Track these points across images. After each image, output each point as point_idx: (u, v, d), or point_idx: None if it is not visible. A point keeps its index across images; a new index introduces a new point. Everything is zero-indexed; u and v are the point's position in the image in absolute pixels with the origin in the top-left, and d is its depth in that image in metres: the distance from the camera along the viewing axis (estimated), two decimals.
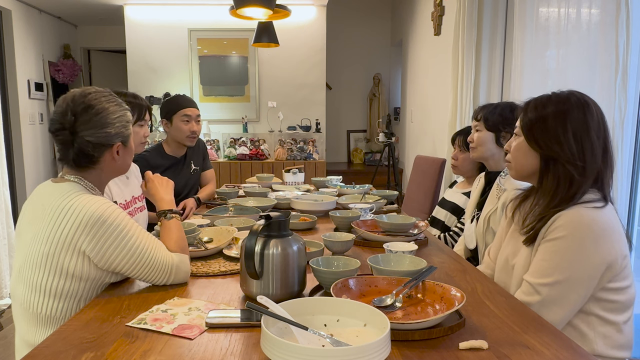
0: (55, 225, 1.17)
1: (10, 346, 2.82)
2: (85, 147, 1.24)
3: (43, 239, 1.18)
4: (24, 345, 1.24)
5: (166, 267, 1.25)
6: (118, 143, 1.29)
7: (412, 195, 3.32)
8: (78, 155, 1.25)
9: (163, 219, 1.39)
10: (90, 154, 1.25)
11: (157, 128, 5.03)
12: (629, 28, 2.09)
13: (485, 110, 1.92)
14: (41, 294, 1.20)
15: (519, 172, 1.36)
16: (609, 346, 1.23)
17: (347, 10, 6.50)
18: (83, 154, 1.25)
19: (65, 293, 1.20)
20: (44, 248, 1.18)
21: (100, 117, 1.25)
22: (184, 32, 5.27)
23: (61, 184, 1.25)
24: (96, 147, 1.25)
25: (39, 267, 1.19)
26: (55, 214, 1.17)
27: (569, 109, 1.25)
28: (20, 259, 1.23)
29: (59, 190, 1.22)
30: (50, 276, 1.19)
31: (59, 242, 1.17)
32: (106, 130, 1.26)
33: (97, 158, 1.27)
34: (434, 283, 1.14)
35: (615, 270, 1.20)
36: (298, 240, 1.19)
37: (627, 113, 2.14)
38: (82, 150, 1.24)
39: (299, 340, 0.86)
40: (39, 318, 1.21)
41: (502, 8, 3.17)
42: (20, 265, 1.22)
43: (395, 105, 6.78)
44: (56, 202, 1.19)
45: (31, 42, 5.10)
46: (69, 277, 1.19)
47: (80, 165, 1.27)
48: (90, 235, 1.16)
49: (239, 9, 2.48)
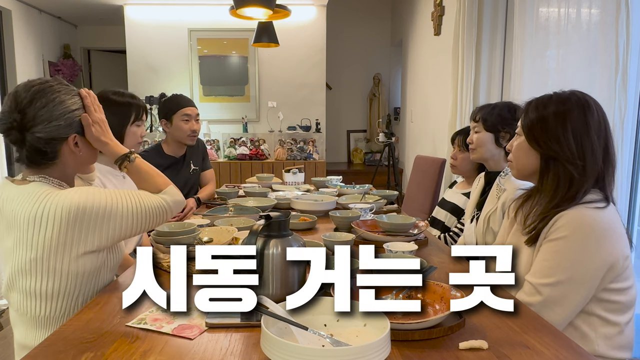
0: (35, 231, 1.11)
1: (10, 346, 2.81)
2: (37, 144, 1.15)
3: (26, 245, 1.13)
4: (24, 351, 1.21)
5: (161, 210, 1.25)
6: (73, 135, 1.20)
7: (412, 195, 3.32)
8: (31, 154, 1.17)
9: (127, 163, 1.29)
10: (43, 150, 1.16)
11: (157, 128, 5.03)
12: (629, 28, 2.09)
13: (483, 111, 1.92)
14: (36, 298, 1.17)
15: (521, 171, 1.36)
16: (610, 347, 1.23)
17: (347, 10, 6.49)
18: (36, 151, 1.16)
19: (61, 292, 1.18)
20: (30, 254, 1.13)
21: (46, 110, 1.15)
22: (184, 32, 5.27)
23: (25, 186, 1.17)
24: (48, 143, 1.16)
25: (28, 273, 1.15)
26: (31, 221, 1.11)
27: (569, 109, 1.25)
28: (8, 268, 1.18)
29: (25, 195, 1.14)
30: (43, 280, 1.15)
31: (44, 247, 1.13)
32: (55, 123, 1.16)
33: (53, 154, 1.19)
34: (434, 283, 1.14)
35: (617, 271, 1.20)
36: (298, 240, 1.19)
37: (627, 113, 2.14)
38: (35, 148, 1.16)
39: (299, 340, 0.86)
40: (38, 321, 1.19)
41: (502, 8, 3.17)
42: (9, 274, 1.18)
43: (395, 105, 6.78)
44: (27, 208, 1.12)
45: (31, 42, 5.10)
46: (63, 276, 1.16)
47: (36, 163, 1.19)
48: (78, 231, 1.13)
49: (239, 9, 2.49)
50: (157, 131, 5.00)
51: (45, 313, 1.19)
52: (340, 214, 1.93)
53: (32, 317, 1.19)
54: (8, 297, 1.22)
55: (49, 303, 1.18)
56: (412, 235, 1.73)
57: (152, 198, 1.25)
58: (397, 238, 1.68)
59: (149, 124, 5.06)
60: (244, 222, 1.88)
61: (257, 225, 1.14)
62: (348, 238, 1.56)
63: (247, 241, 1.11)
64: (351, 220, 1.86)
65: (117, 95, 1.91)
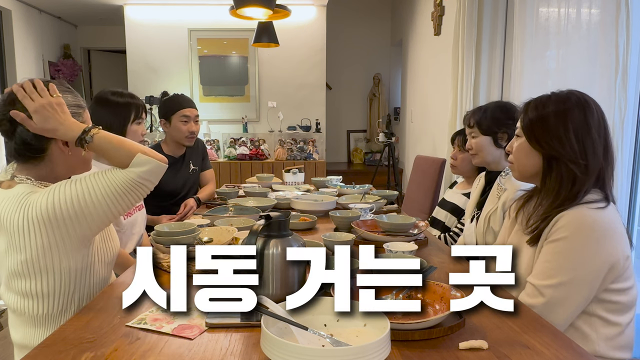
0: (23, 237, 1.13)
1: (10, 346, 2.80)
2: (25, 136, 1.17)
3: (17, 249, 1.14)
4: (23, 351, 1.21)
5: (132, 185, 1.17)
6: None
7: (412, 195, 3.32)
8: (19, 146, 1.18)
9: (87, 144, 1.18)
10: (30, 143, 1.18)
11: (157, 128, 5.03)
12: (629, 28, 2.09)
13: (476, 115, 1.91)
14: (32, 298, 1.18)
15: (522, 173, 1.36)
16: (611, 347, 1.23)
17: (347, 10, 6.49)
18: (23, 144, 1.18)
19: (57, 290, 1.18)
20: (21, 257, 1.14)
21: None
22: (184, 32, 5.27)
23: (10, 190, 1.18)
24: (36, 136, 1.17)
25: (23, 275, 1.16)
26: (17, 227, 1.12)
27: (569, 108, 1.25)
28: (3, 270, 1.19)
29: (11, 199, 1.15)
30: (38, 280, 1.16)
31: (33, 250, 1.14)
32: None
33: (41, 148, 1.19)
34: (434, 283, 1.14)
35: (618, 271, 1.20)
36: (298, 240, 1.19)
37: (627, 113, 2.14)
38: (22, 140, 1.18)
39: (299, 340, 0.86)
40: (36, 319, 1.20)
41: (502, 8, 3.17)
42: (5, 276, 1.19)
43: (395, 105, 6.78)
44: (12, 215, 1.13)
45: (31, 42, 5.10)
46: (57, 274, 1.17)
47: (24, 157, 1.20)
48: (58, 229, 1.13)
49: (239, 9, 2.49)
50: (157, 131, 5.00)
51: (42, 312, 1.19)
52: (340, 214, 1.93)
53: (30, 317, 1.20)
54: (5, 298, 1.23)
55: (45, 302, 1.19)
56: (412, 235, 1.73)
57: (118, 176, 1.17)
58: (397, 238, 1.68)
59: (149, 123, 5.06)
60: (244, 222, 1.88)
61: (257, 225, 1.14)
62: (348, 238, 1.56)
63: (247, 241, 1.11)
64: (351, 220, 1.86)
65: (116, 95, 1.93)
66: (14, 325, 1.25)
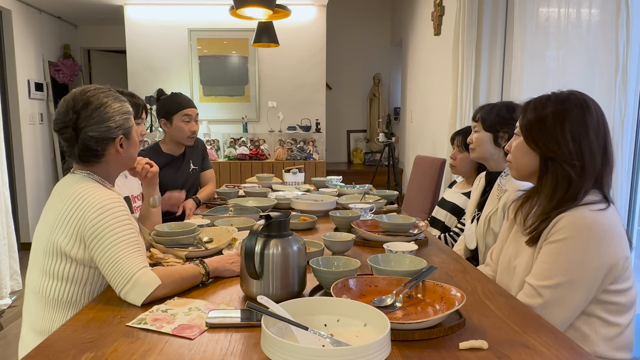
0: (66, 212, 1.22)
1: (10, 346, 2.82)
2: (89, 142, 1.28)
3: (61, 228, 1.22)
4: (31, 333, 1.28)
5: (127, 275, 1.15)
6: (120, 136, 1.33)
7: (412, 195, 3.32)
8: (83, 151, 1.29)
9: (199, 267, 1.31)
10: (93, 148, 1.29)
11: (157, 128, 5.03)
12: (629, 28, 2.09)
13: (483, 110, 1.93)
14: (51, 277, 1.25)
15: (520, 172, 1.36)
16: (611, 347, 1.23)
17: (347, 10, 6.49)
18: (87, 149, 1.29)
19: (71, 277, 1.25)
20: (61, 237, 1.23)
21: (100, 112, 1.29)
22: (184, 32, 5.27)
23: (74, 175, 1.32)
24: (99, 142, 1.29)
25: (47, 252, 1.24)
26: (67, 201, 1.23)
27: (567, 109, 1.25)
28: (33, 246, 1.31)
29: (72, 181, 1.29)
30: (57, 260, 1.24)
31: (73, 236, 1.21)
32: (107, 124, 1.30)
33: (102, 152, 1.31)
34: (434, 283, 1.14)
35: (617, 272, 1.20)
36: (298, 240, 1.19)
37: (627, 113, 2.14)
38: (87, 146, 1.29)
39: (299, 340, 0.86)
40: (48, 301, 1.26)
41: (502, 8, 3.17)
42: (42, 252, 1.27)
43: (395, 105, 6.78)
44: (68, 190, 1.25)
45: (31, 42, 5.10)
46: (73, 261, 1.24)
47: (86, 160, 1.31)
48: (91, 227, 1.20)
49: (239, 9, 2.48)
50: (157, 131, 5.00)
51: (55, 294, 1.26)
52: (340, 214, 1.93)
53: (43, 296, 1.26)
54: (29, 275, 1.30)
55: (60, 284, 1.25)
56: (412, 235, 1.74)
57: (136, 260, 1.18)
58: (397, 238, 1.68)
59: (149, 123, 5.06)
60: (244, 222, 1.88)
61: (257, 225, 1.14)
62: (348, 238, 1.56)
63: (247, 241, 1.11)
64: (351, 220, 1.86)
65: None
66: (27, 306, 1.31)
